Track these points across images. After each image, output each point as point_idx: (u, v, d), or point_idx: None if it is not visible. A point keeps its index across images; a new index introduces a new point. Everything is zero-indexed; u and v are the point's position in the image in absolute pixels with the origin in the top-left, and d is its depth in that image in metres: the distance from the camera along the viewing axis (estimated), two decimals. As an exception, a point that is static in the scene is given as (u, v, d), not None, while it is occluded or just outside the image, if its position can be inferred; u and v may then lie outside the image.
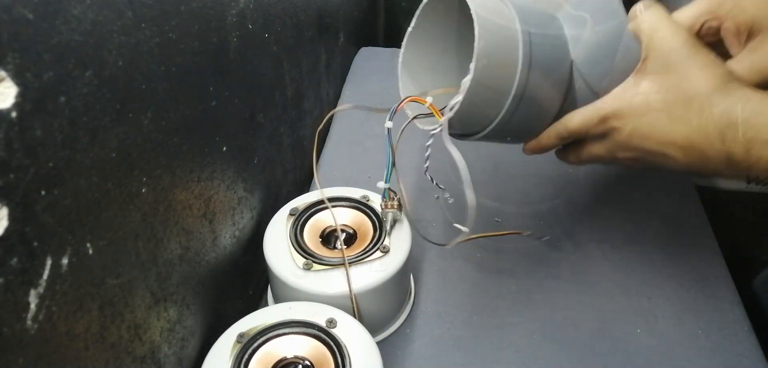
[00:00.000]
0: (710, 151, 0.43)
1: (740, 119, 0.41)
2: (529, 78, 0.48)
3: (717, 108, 0.42)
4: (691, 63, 0.43)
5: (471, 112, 0.50)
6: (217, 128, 0.50)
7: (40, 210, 0.29)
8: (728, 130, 0.41)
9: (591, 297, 0.60)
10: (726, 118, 0.42)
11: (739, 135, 0.41)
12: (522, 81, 0.48)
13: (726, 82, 0.43)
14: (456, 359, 0.54)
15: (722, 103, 0.42)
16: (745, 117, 0.41)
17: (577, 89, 0.51)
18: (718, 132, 0.42)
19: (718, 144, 0.42)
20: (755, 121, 0.41)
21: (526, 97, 0.49)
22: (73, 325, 0.33)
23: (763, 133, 0.40)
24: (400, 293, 0.57)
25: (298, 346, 0.46)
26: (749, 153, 0.41)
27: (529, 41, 0.48)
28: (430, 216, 0.69)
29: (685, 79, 0.43)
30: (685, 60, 0.43)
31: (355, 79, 0.94)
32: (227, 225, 0.54)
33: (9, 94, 0.26)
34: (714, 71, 0.43)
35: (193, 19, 0.43)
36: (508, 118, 0.50)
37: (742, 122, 0.41)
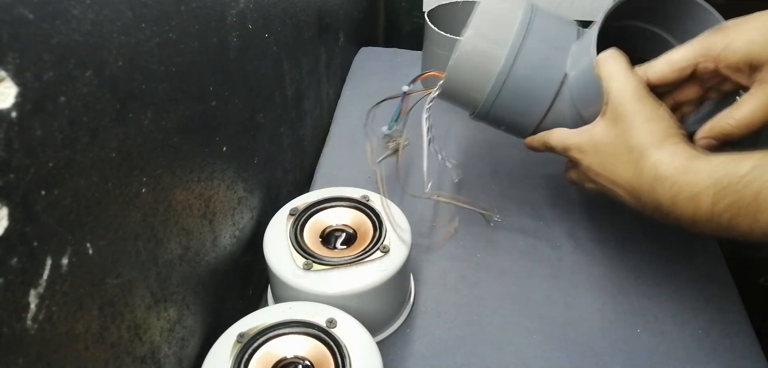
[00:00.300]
0: (645, 197, 0.47)
1: (666, 175, 0.44)
2: (514, 69, 0.55)
3: (649, 161, 0.46)
4: (636, 116, 0.47)
5: (458, 83, 0.57)
6: (217, 128, 0.50)
7: (40, 210, 0.29)
8: (656, 183, 0.45)
9: (591, 297, 0.60)
10: (654, 171, 0.45)
11: (665, 187, 0.44)
12: (505, 68, 0.55)
13: (663, 137, 0.46)
14: (456, 359, 0.54)
15: (654, 157, 0.46)
16: (670, 173, 0.44)
17: (565, 103, 0.54)
18: (649, 183, 0.46)
19: (649, 193, 0.46)
20: (678, 178, 0.44)
21: (508, 85, 0.55)
22: (73, 325, 0.33)
23: (686, 190, 0.43)
24: (400, 293, 0.57)
25: (298, 346, 0.46)
26: (674, 206, 0.44)
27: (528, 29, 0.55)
28: (429, 217, 0.69)
29: (629, 129, 0.48)
30: (631, 112, 0.48)
31: (355, 79, 0.94)
32: (227, 225, 0.54)
33: (9, 94, 0.26)
34: (655, 126, 0.47)
35: (193, 19, 0.43)
36: (493, 100, 0.56)
37: (668, 177, 0.44)
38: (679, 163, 0.44)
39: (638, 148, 0.47)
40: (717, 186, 0.41)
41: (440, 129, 0.80)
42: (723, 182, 0.41)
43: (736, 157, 0.41)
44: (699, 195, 0.42)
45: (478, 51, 0.56)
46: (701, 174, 0.43)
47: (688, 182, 0.43)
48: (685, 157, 0.44)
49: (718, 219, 0.42)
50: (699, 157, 0.44)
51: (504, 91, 0.56)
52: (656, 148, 0.46)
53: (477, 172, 0.75)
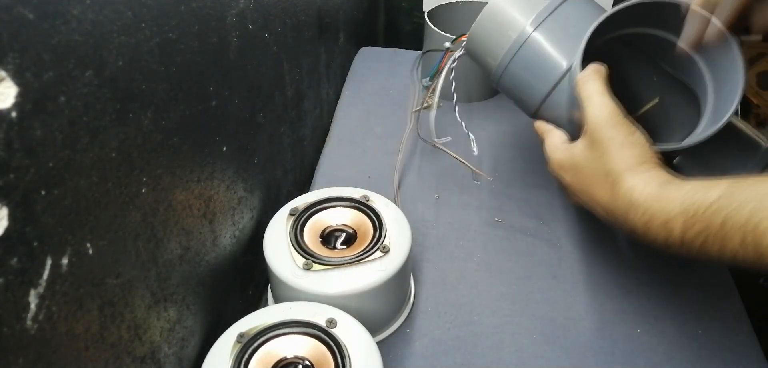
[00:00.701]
0: (620, 220, 0.48)
1: (640, 201, 0.46)
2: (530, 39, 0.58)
3: (623, 187, 0.47)
4: (612, 141, 0.49)
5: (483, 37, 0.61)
6: (217, 128, 0.50)
7: (40, 210, 0.29)
8: (630, 208, 0.46)
9: (591, 297, 0.60)
10: (628, 197, 0.47)
11: (638, 215, 0.46)
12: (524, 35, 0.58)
13: (638, 163, 0.47)
14: (456, 359, 0.54)
15: (628, 183, 0.47)
16: (643, 200, 0.45)
17: (563, 95, 0.54)
18: (623, 208, 0.47)
19: (624, 217, 0.47)
20: (651, 205, 0.45)
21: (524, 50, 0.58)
22: (73, 325, 0.33)
23: (658, 216, 0.44)
24: (400, 293, 0.57)
25: (298, 346, 0.46)
26: (648, 231, 0.45)
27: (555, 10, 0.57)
28: (429, 217, 0.69)
29: (605, 154, 0.49)
30: (607, 138, 0.49)
31: (355, 79, 0.94)
32: (227, 225, 0.54)
33: (9, 94, 0.26)
34: (629, 152, 0.48)
35: (193, 19, 0.43)
36: (509, 61, 0.59)
37: (641, 204, 0.45)
38: (652, 189, 0.45)
39: (614, 172, 0.48)
40: (687, 214, 0.42)
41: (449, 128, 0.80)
42: (692, 210, 0.42)
43: (705, 185, 0.42)
44: (670, 221, 0.43)
45: (503, 13, 0.59)
46: (672, 202, 0.44)
47: (660, 209, 0.44)
48: (657, 184, 0.46)
49: (690, 245, 0.43)
50: (671, 183, 0.45)
51: (513, 63, 0.59)
52: (631, 173, 0.47)
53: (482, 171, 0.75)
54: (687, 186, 0.44)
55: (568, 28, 0.58)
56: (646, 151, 0.48)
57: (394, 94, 0.88)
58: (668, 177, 0.46)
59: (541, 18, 0.58)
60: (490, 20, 0.60)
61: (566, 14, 0.58)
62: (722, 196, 0.41)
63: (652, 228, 0.45)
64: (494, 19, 0.60)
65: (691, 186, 0.43)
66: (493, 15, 0.60)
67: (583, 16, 0.58)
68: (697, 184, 0.43)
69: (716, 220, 0.41)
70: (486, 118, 0.84)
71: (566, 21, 0.58)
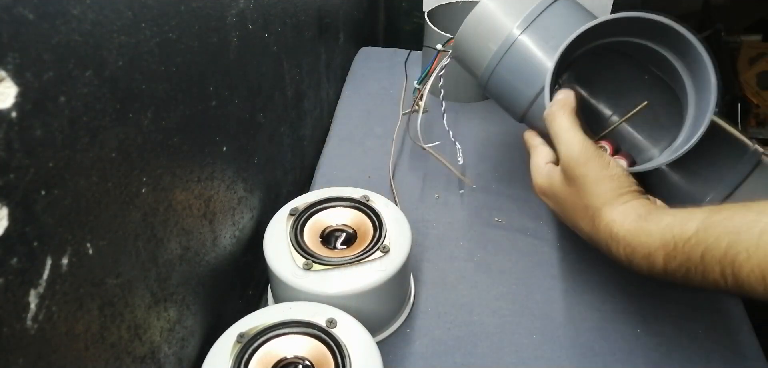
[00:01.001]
0: (603, 250, 0.49)
1: (620, 235, 0.47)
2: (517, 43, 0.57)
3: (603, 222, 0.48)
4: (585, 178, 0.49)
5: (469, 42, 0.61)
6: (217, 128, 0.50)
7: (40, 210, 0.29)
8: (611, 241, 0.48)
9: (591, 297, 0.60)
10: (609, 231, 0.48)
11: (620, 248, 0.47)
12: (511, 38, 0.58)
13: (614, 196, 0.48)
14: (456, 359, 0.54)
15: (607, 217, 0.48)
16: (623, 234, 0.46)
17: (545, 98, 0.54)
18: (605, 240, 0.48)
19: (606, 249, 0.49)
20: (631, 239, 0.46)
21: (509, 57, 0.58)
22: (73, 325, 0.33)
23: (639, 250, 0.45)
24: (400, 293, 0.57)
25: (298, 346, 0.46)
26: (631, 263, 0.46)
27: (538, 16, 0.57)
28: (429, 217, 0.69)
29: (581, 190, 0.50)
30: (581, 175, 0.49)
31: (355, 79, 0.94)
32: (227, 225, 0.54)
33: (9, 94, 0.26)
34: (604, 186, 0.49)
35: (193, 19, 0.43)
36: (495, 64, 0.59)
37: (621, 238, 0.47)
38: (631, 224, 0.46)
39: (591, 207, 0.49)
40: (667, 247, 0.44)
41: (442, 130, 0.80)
42: (671, 244, 0.43)
43: (682, 218, 0.43)
44: (652, 255, 0.45)
45: (488, 17, 0.59)
46: (652, 236, 0.45)
47: (641, 243, 0.45)
48: (635, 218, 0.46)
49: (673, 275, 0.44)
50: (649, 216, 0.46)
51: (500, 67, 0.59)
52: (609, 207, 0.48)
53: (478, 171, 0.75)
54: (665, 219, 0.45)
55: (555, 31, 0.57)
56: (622, 182, 0.49)
57: (394, 94, 0.88)
58: (646, 208, 0.47)
59: (528, 21, 0.57)
60: (476, 25, 0.60)
61: (553, 18, 0.58)
62: (699, 230, 0.42)
63: (634, 261, 0.46)
64: (480, 23, 0.60)
65: (670, 219, 0.44)
66: (479, 19, 0.60)
67: (569, 20, 0.58)
68: (674, 218, 0.44)
69: (696, 254, 0.42)
70: (485, 119, 0.84)
71: (553, 24, 0.58)
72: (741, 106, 1.35)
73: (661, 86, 0.58)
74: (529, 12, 0.58)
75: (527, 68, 0.57)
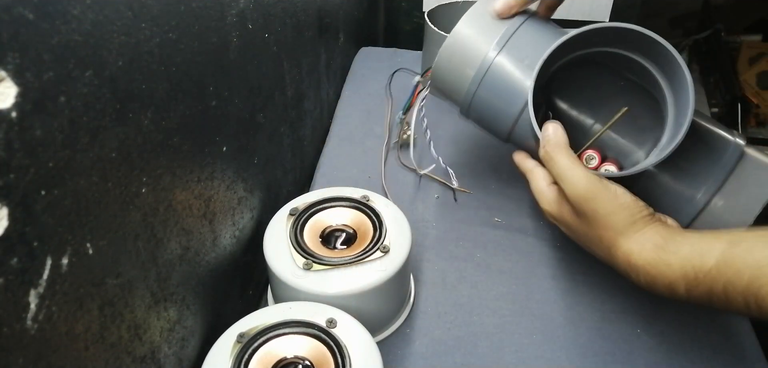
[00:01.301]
0: (622, 275, 0.50)
1: (639, 265, 0.47)
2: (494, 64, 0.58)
3: (619, 251, 0.49)
4: (596, 213, 0.49)
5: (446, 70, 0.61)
6: (217, 128, 0.50)
7: (40, 210, 0.29)
8: (630, 270, 0.48)
9: (591, 297, 0.60)
10: (626, 261, 0.48)
11: (640, 277, 0.48)
12: (486, 63, 0.58)
13: (628, 225, 0.48)
14: (456, 359, 0.54)
15: (624, 247, 0.48)
16: (642, 264, 0.47)
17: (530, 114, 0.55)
18: (623, 269, 0.49)
19: (625, 275, 0.49)
20: (650, 269, 0.47)
21: (488, 79, 0.58)
22: (73, 325, 0.33)
23: (660, 280, 0.46)
24: (400, 293, 0.57)
25: (298, 346, 0.46)
26: (652, 289, 0.47)
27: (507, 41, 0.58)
28: (429, 216, 0.69)
29: (594, 223, 0.50)
30: (591, 211, 0.50)
31: (355, 79, 0.94)
32: (227, 225, 0.54)
33: (9, 94, 0.26)
34: (617, 217, 0.49)
35: (193, 19, 0.43)
36: (475, 89, 0.59)
37: (641, 267, 0.47)
38: (649, 254, 0.47)
39: (606, 239, 0.49)
40: (687, 278, 0.44)
41: (442, 129, 0.80)
42: (692, 274, 0.44)
43: (701, 250, 0.44)
44: (673, 283, 0.45)
45: (463, 43, 0.59)
46: (672, 268, 0.45)
47: (661, 273, 0.46)
48: (652, 247, 0.47)
49: (696, 301, 0.45)
50: (667, 245, 0.46)
51: (481, 91, 0.59)
52: (623, 237, 0.48)
53: (478, 171, 0.75)
54: (684, 250, 0.45)
55: (529, 49, 0.58)
56: (633, 210, 0.49)
57: (394, 94, 0.88)
58: (662, 236, 0.47)
59: (502, 43, 0.58)
60: (451, 54, 0.60)
61: (525, 36, 0.59)
62: (719, 263, 0.43)
63: (656, 288, 0.47)
64: (454, 53, 0.60)
65: (688, 250, 0.45)
66: (453, 49, 0.60)
67: (541, 37, 0.58)
68: (693, 248, 0.45)
69: (717, 286, 0.43)
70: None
71: (527, 43, 0.58)
72: (741, 106, 1.36)
73: (638, 90, 0.58)
74: (502, 34, 0.58)
75: (507, 89, 0.58)
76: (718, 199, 0.53)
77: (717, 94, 1.41)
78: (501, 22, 0.59)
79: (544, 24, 0.60)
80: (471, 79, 0.59)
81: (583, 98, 0.64)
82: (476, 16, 0.60)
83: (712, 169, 0.53)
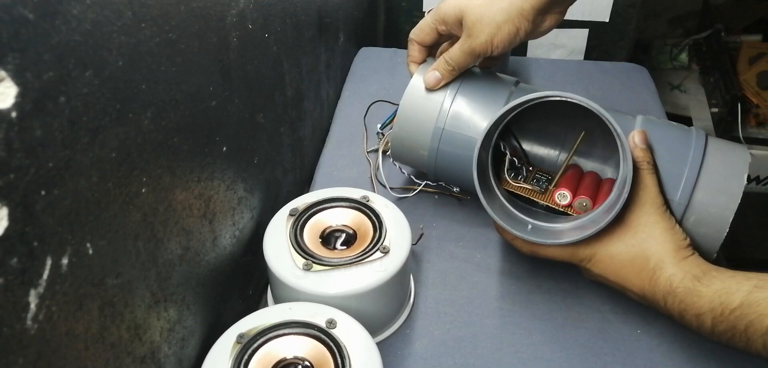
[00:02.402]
0: (657, 306, 0.52)
1: (678, 291, 0.49)
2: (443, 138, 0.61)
3: (664, 274, 0.50)
4: (657, 226, 0.52)
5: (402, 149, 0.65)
6: (217, 128, 0.50)
7: (40, 210, 0.29)
8: (669, 295, 0.50)
9: (591, 297, 0.60)
10: (668, 284, 0.50)
11: (676, 302, 0.49)
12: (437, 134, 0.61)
13: (676, 249, 0.51)
14: (456, 359, 0.54)
15: (669, 271, 0.50)
16: (680, 291, 0.49)
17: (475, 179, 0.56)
18: (662, 294, 0.50)
19: (662, 303, 0.51)
20: (685, 297, 0.49)
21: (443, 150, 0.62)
22: (73, 325, 0.33)
23: (690, 310, 0.48)
24: (400, 293, 0.57)
25: (298, 347, 0.46)
26: (682, 319, 0.50)
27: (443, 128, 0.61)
28: (429, 217, 0.69)
29: (649, 238, 0.52)
30: (654, 222, 0.52)
31: (355, 79, 0.94)
32: (227, 225, 0.54)
33: (9, 94, 0.26)
34: (671, 236, 0.52)
35: (193, 19, 0.43)
36: (434, 162, 0.63)
37: (678, 294, 0.49)
38: (688, 283, 0.49)
39: (656, 257, 0.51)
40: (714, 313, 0.47)
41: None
42: (718, 310, 0.47)
43: (729, 287, 0.47)
44: (701, 316, 0.48)
45: (406, 141, 0.64)
46: (703, 299, 0.48)
47: (693, 303, 0.48)
48: (692, 277, 0.49)
49: (719, 337, 0.47)
50: (703, 278, 0.49)
51: (439, 163, 0.63)
52: (671, 260, 0.51)
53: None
54: (715, 285, 0.48)
55: (482, 97, 0.61)
56: (681, 237, 0.52)
57: (394, 94, 0.88)
58: (701, 269, 0.50)
59: (444, 116, 0.61)
60: (402, 141, 0.63)
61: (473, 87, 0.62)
62: (743, 304, 0.45)
63: (685, 318, 0.49)
64: (404, 139, 0.63)
65: (719, 286, 0.47)
66: (403, 129, 0.63)
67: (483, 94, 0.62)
68: (723, 284, 0.47)
69: (740, 325, 0.46)
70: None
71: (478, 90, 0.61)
72: (741, 106, 1.36)
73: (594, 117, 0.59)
74: (440, 110, 0.61)
75: (464, 156, 0.59)
76: (698, 193, 0.55)
77: (717, 94, 1.41)
78: (438, 93, 0.62)
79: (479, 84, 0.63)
80: (427, 156, 0.63)
81: (548, 131, 0.65)
82: (415, 94, 0.63)
83: (684, 162, 0.55)
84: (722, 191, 0.54)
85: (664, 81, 1.46)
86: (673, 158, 0.55)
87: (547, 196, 0.60)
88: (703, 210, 0.54)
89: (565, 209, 0.58)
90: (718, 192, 0.54)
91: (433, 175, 0.65)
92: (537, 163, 0.65)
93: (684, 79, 1.48)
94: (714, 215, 0.54)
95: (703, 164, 0.55)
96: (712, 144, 0.57)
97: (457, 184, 0.67)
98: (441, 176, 0.66)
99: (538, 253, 0.56)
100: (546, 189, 0.60)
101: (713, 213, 0.54)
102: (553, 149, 0.65)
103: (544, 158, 0.65)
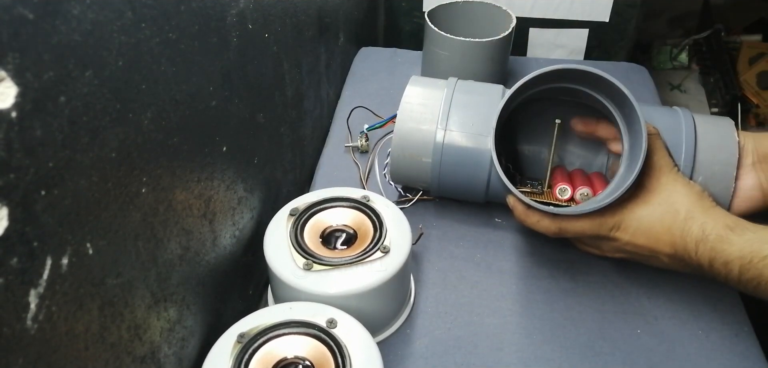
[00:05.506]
0: (688, 257, 0.52)
1: (710, 237, 0.50)
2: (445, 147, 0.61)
3: (697, 222, 0.51)
4: (676, 183, 0.54)
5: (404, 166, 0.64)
6: (217, 128, 0.50)
7: (40, 210, 0.29)
8: (700, 243, 0.51)
9: (591, 297, 0.60)
10: (701, 232, 0.51)
11: (706, 249, 0.50)
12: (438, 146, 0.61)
13: (701, 199, 0.53)
14: (456, 359, 0.54)
15: (700, 219, 0.51)
16: (712, 238, 0.50)
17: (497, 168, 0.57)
18: (694, 243, 0.51)
19: (693, 253, 0.51)
20: (716, 244, 0.50)
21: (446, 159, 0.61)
22: (73, 325, 0.33)
23: (720, 256, 0.49)
24: (400, 293, 0.57)
25: (298, 346, 0.46)
26: (711, 268, 0.50)
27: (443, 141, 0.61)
28: (429, 217, 0.69)
29: (672, 194, 0.53)
30: (672, 180, 0.54)
31: (355, 79, 0.94)
32: (227, 225, 0.54)
33: (9, 94, 0.26)
34: (691, 190, 0.53)
35: (193, 19, 0.43)
36: (438, 172, 0.62)
37: (709, 240, 0.50)
38: (719, 230, 0.50)
39: (684, 209, 0.52)
40: (743, 261, 0.48)
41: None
42: (748, 258, 0.48)
43: (762, 237, 0.48)
44: (730, 263, 0.49)
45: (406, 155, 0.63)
46: (734, 246, 0.49)
47: (723, 250, 0.49)
48: (722, 226, 0.50)
49: (745, 285, 0.48)
50: (736, 227, 0.50)
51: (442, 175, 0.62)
52: (699, 210, 0.52)
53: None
54: (747, 234, 0.49)
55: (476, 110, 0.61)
56: (701, 190, 0.54)
57: (394, 94, 0.88)
58: (733, 219, 0.51)
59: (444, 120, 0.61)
60: (402, 153, 0.63)
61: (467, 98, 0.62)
62: None
63: (714, 266, 0.50)
64: (405, 149, 0.63)
65: (751, 235, 0.49)
66: (404, 143, 0.62)
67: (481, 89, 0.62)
68: (755, 234, 0.49)
69: (767, 273, 0.47)
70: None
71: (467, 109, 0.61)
72: (741, 106, 1.36)
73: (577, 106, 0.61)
74: (441, 111, 0.61)
75: (468, 161, 0.60)
76: (699, 155, 0.57)
77: (717, 94, 1.41)
78: (434, 101, 0.62)
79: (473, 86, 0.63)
80: (430, 166, 0.62)
81: (538, 132, 0.66)
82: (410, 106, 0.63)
83: (678, 136, 0.57)
84: (720, 148, 0.57)
85: (664, 81, 1.46)
86: (668, 130, 0.58)
87: (548, 194, 0.60)
88: (708, 169, 0.57)
89: (568, 203, 0.59)
90: (718, 149, 0.57)
91: (436, 188, 0.64)
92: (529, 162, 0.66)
93: (684, 79, 1.48)
94: (718, 172, 0.57)
95: (696, 131, 0.58)
96: (697, 116, 0.60)
97: (463, 194, 0.66)
98: (447, 187, 0.64)
99: (567, 230, 0.56)
100: (542, 191, 0.61)
101: (717, 171, 0.57)
102: (545, 148, 0.66)
103: (535, 158, 0.66)
